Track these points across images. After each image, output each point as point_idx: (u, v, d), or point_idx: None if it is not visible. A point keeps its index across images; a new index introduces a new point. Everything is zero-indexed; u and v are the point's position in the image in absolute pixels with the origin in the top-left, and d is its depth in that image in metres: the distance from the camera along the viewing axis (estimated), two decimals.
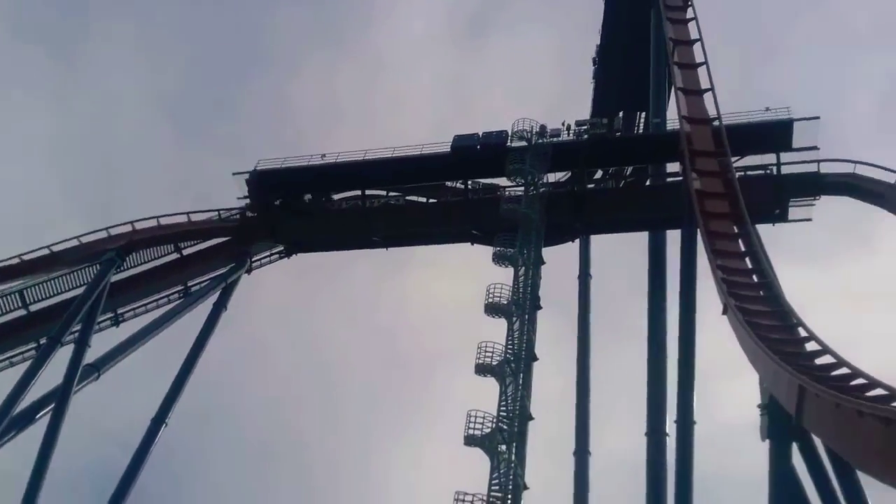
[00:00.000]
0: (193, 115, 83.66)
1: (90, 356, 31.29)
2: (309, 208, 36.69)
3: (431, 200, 35.61)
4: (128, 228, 35.27)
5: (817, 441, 16.94)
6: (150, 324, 33.57)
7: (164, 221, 35.85)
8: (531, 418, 24.66)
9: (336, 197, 36.99)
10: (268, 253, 37.06)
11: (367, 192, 35.68)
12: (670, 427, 27.20)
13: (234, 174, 36.06)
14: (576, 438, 30.38)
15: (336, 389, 69.76)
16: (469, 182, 34.39)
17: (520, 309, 26.64)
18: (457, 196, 34.68)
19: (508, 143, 32.40)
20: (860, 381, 16.08)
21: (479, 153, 32.96)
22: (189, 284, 35.73)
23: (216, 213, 37.15)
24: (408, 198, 35.70)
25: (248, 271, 36.44)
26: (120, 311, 34.88)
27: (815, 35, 73.60)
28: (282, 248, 36.96)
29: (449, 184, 35.27)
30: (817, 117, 30.18)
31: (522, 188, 31.15)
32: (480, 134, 33.45)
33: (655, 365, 28.83)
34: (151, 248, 35.45)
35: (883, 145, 62.35)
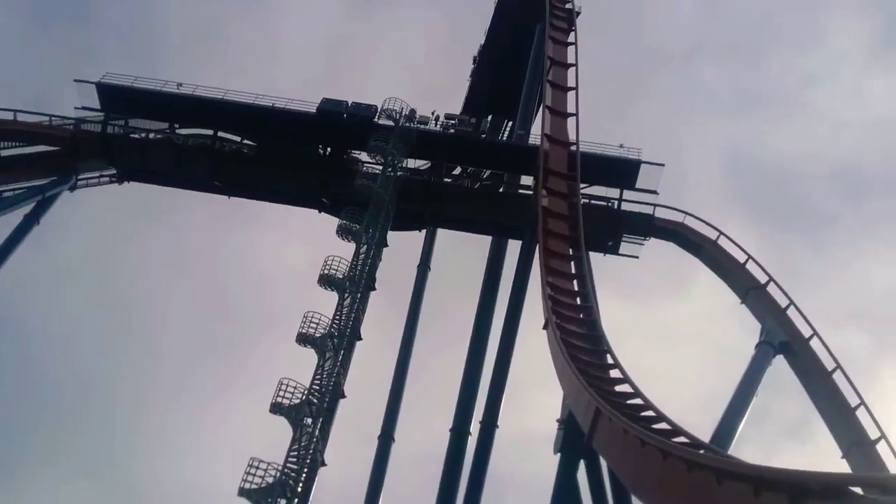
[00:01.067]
0: (44, 8, 75.50)
1: None
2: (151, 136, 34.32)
3: (286, 158, 34.38)
4: None
5: (603, 463, 18.09)
6: None
7: None
8: (343, 396, 24.53)
9: (184, 131, 34.84)
10: (98, 174, 34.22)
11: (220, 133, 33.91)
12: (475, 427, 28.18)
13: (76, 81, 33.05)
14: (383, 423, 30.81)
15: (149, 333, 65.85)
16: (328, 149, 33.65)
17: (354, 286, 26.43)
18: (313, 160, 33.78)
19: (376, 119, 32.04)
20: (650, 413, 17.38)
21: (345, 122, 32.36)
22: (0, 189, 32.32)
23: (48, 118, 33.82)
24: (261, 149, 34.30)
25: (72, 189, 33.48)
26: None
27: (678, 94, 78.86)
28: (114, 171, 34.30)
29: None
30: (662, 164, 32.31)
31: (381, 167, 30.94)
32: (349, 103, 32.83)
33: (472, 365, 29.73)
34: None
35: (714, 204, 68.07)
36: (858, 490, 8.84)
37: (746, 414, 22.22)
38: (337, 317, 25.42)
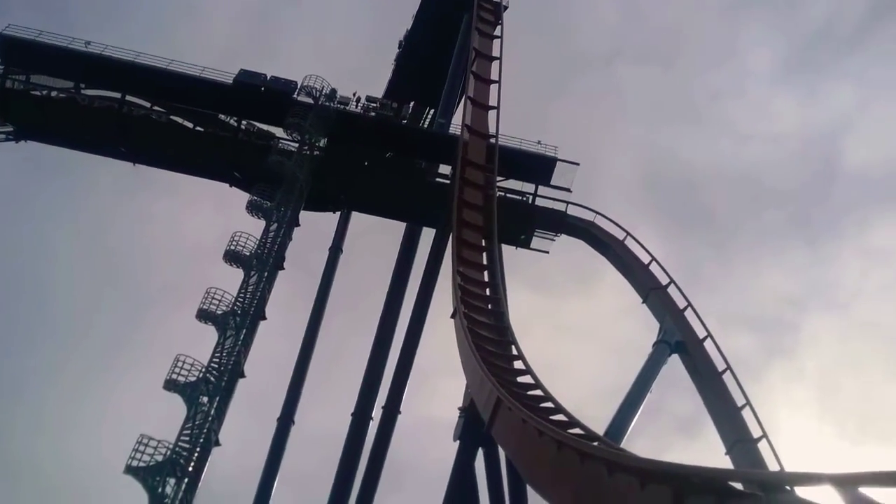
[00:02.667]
0: None
1: None
2: (54, 94, 32.42)
3: (198, 128, 33.24)
4: None
5: (501, 452, 18.27)
6: None
7: None
8: (243, 376, 23.93)
9: (90, 92, 33.08)
10: None
11: (129, 97, 32.36)
12: (377, 412, 28.06)
13: None
14: (283, 405, 30.28)
15: (41, 300, 62.42)
16: (243, 122, 32.66)
17: (261, 264, 25.79)
18: (226, 132, 32.72)
19: (294, 96, 31.32)
20: (549, 404, 17.67)
21: (262, 95, 31.46)
22: None
23: None
24: (172, 117, 32.97)
25: None
26: None
27: (597, 96, 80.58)
28: (11, 129, 32.27)
29: (221, 117, 33.20)
30: (577, 164, 32.90)
31: (297, 144, 30.28)
32: (268, 76, 31.95)
33: (378, 351, 29.62)
34: None
35: (625, 206, 70.07)
36: (739, 485, 9.18)
37: (640, 409, 22.84)
38: (241, 294, 24.75)
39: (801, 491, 7.51)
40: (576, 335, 69.93)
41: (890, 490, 6.13)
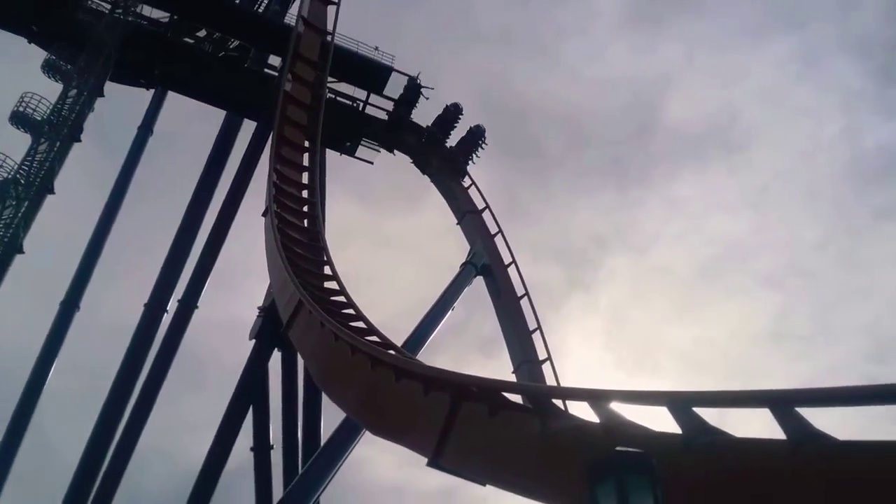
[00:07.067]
0: None
1: None
2: None
3: None
4: None
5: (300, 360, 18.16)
6: None
7: None
8: (21, 252, 21.72)
9: None
10: None
11: None
12: (173, 305, 26.83)
13: None
14: (69, 289, 28.03)
15: None
16: None
17: (53, 132, 23.22)
18: None
19: None
20: (350, 311, 17.72)
21: None
22: None
23: None
24: None
25: None
26: None
27: (446, 16, 79.28)
28: None
29: None
30: (414, 77, 32.38)
31: (110, 5, 27.22)
32: None
33: (181, 242, 28.08)
34: None
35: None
36: (515, 398, 9.69)
37: (440, 325, 23.56)
38: (27, 162, 22.25)
39: (569, 406, 8.03)
40: (394, 249, 70.80)
41: (634, 406, 6.78)
